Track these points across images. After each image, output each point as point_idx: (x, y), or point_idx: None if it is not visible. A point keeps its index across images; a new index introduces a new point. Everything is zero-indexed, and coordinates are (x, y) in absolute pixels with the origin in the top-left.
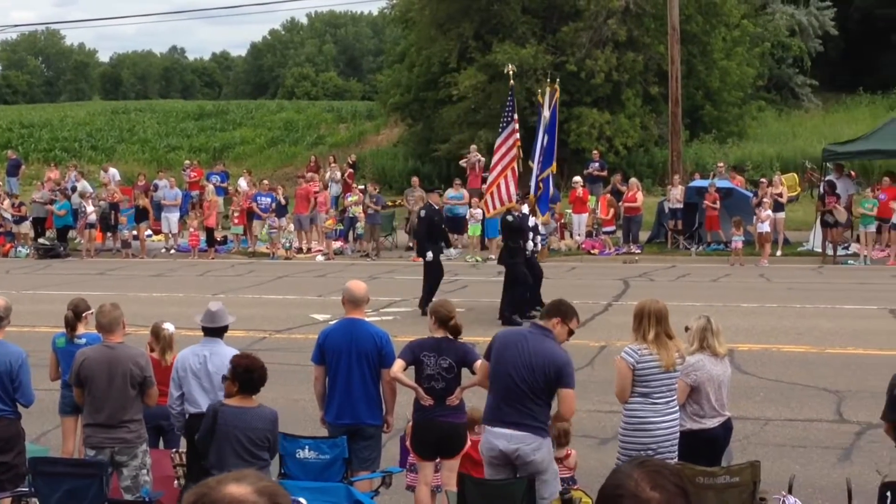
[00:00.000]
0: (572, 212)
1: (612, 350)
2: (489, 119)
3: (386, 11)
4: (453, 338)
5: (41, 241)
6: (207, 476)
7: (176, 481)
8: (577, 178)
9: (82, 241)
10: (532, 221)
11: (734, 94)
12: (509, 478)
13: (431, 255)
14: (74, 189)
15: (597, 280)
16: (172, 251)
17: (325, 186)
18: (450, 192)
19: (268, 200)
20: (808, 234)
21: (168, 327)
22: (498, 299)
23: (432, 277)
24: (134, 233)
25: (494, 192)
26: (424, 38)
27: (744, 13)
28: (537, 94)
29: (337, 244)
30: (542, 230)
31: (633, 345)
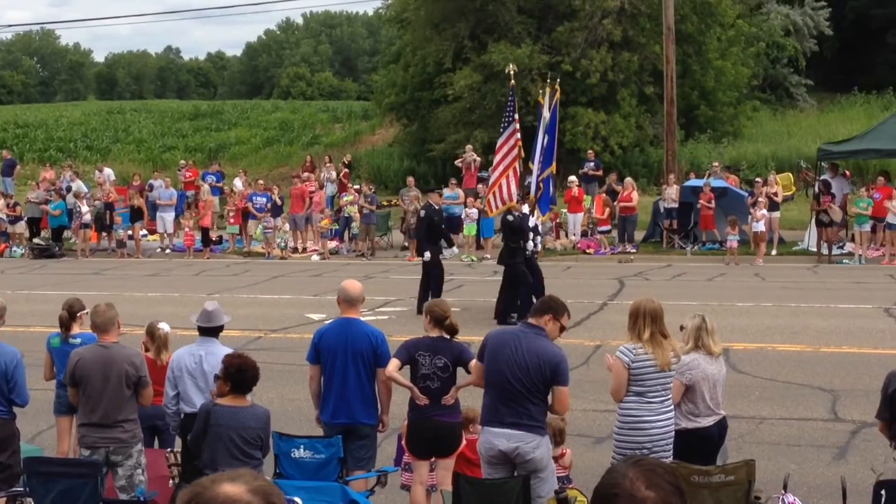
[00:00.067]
0: (568, 211)
1: (607, 349)
2: (484, 119)
3: (381, 11)
4: (449, 337)
5: (36, 241)
6: (201, 476)
7: (171, 481)
8: (572, 178)
9: (77, 241)
10: (532, 222)
11: (729, 93)
12: (504, 477)
13: (429, 254)
14: (69, 189)
15: (592, 279)
16: (168, 251)
17: (321, 186)
18: (445, 192)
19: (263, 200)
20: (803, 233)
21: (163, 327)
22: (493, 299)
23: (432, 278)
24: (129, 233)
25: (496, 192)
26: (420, 38)
27: (739, 13)
28: (538, 95)
29: (332, 244)
30: (542, 230)
31: (628, 344)
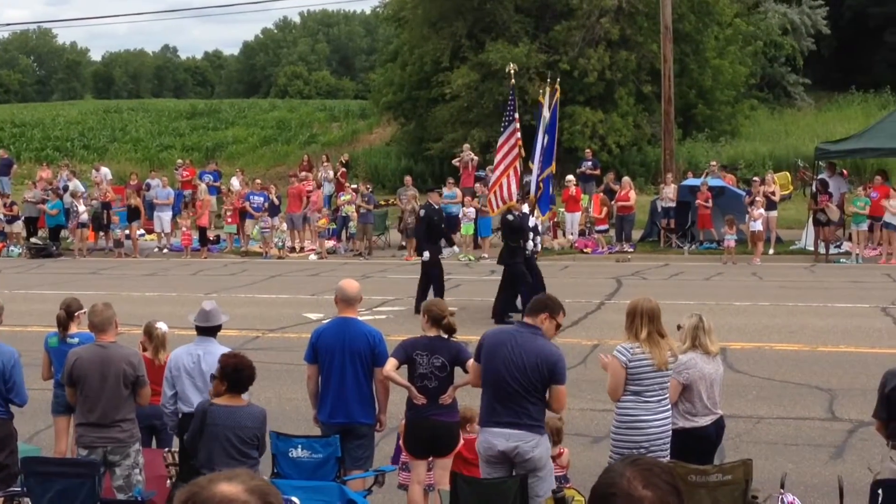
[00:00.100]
0: (565, 210)
1: (604, 348)
2: (482, 118)
3: (379, 10)
4: (446, 337)
5: (33, 240)
6: (198, 475)
7: (168, 481)
8: (570, 177)
9: (74, 240)
10: (532, 222)
11: (727, 92)
12: (502, 476)
13: (428, 254)
14: (66, 188)
15: (590, 278)
16: (165, 250)
17: (318, 185)
18: (443, 191)
19: (260, 199)
20: (801, 232)
21: (161, 326)
22: (491, 298)
23: (432, 278)
24: (126, 232)
25: (497, 192)
26: (417, 36)
27: (736, 12)
28: (537, 95)
29: (330, 243)
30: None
31: (625, 343)
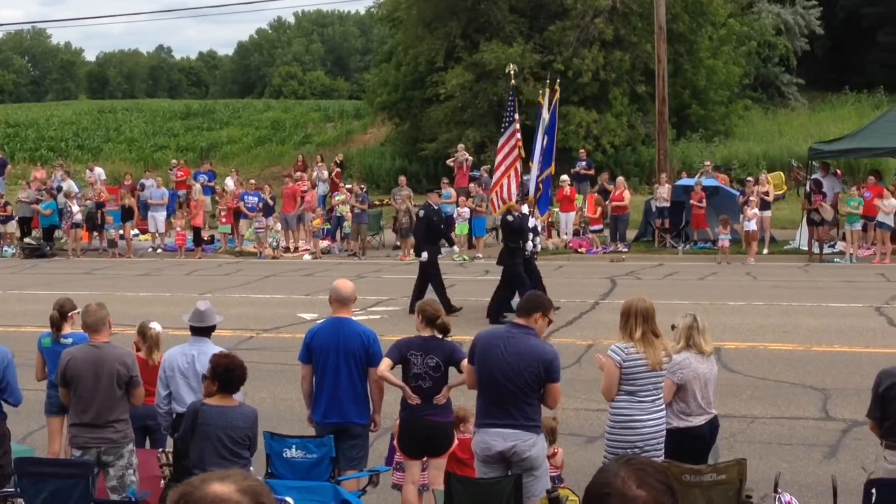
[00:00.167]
0: (559, 210)
1: (599, 348)
2: (476, 118)
3: (373, 10)
4: (441, 336)
5: (27, 240)
6: (191, 475)
7: (162, 481)
8: (564, 177)
9: (68, 240)
10: (532, 222)
11: (721, 92)
12: (496, 476)
13: (427, 255)
14: (60, 189)
15: (584, 278)
16: (159, 250)
17: (313, 186)
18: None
19: (255, 200)
20: (795, 232)
21: (155, 327)
22: (486, 298)
23: (430, 278)
24: (120, 232)
25: (499, 192)
26: (411, 37)
27: (730, 12)
28: (536, 95)
29: (324, 243)
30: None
31: (619, 343)
